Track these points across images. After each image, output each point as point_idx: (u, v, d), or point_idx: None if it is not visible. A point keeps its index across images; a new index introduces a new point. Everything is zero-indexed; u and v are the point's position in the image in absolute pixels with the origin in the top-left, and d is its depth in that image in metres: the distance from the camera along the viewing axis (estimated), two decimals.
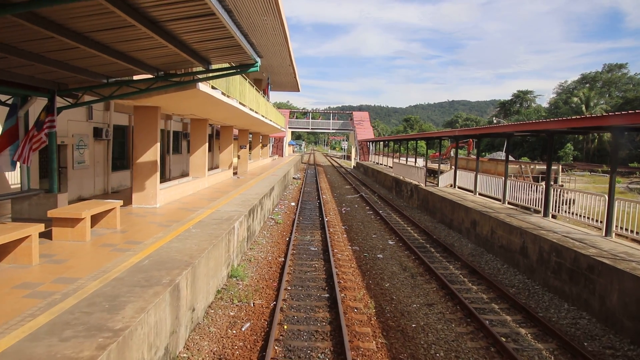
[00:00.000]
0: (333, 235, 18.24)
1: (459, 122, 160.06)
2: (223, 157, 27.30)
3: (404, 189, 30.34)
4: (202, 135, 20.78)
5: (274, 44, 27.24)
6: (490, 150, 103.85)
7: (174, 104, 15.39)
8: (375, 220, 22.60)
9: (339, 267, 13.56)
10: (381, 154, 57.40)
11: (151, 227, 11.45)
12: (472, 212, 17.60)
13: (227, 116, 22.46)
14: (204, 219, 12.87)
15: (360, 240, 17.89)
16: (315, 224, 20.60)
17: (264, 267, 13.24)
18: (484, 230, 16.28)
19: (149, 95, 12.24)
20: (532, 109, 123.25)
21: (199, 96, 13.72)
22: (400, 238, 18.04)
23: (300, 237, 17.56)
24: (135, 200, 14.63)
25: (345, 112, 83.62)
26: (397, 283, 12.55)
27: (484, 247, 16.18)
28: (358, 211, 25.32)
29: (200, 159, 20.85)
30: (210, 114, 19.95)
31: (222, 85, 16.04)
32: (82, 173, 17.05)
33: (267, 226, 19.25)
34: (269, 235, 17.71)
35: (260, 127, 35.30)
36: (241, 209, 15.01)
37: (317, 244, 16.59)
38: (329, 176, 51.86)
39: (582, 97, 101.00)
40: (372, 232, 19.58)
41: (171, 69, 11.85)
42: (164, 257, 8.62)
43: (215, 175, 23.51)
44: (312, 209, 25.09)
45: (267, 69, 36.57)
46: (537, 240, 12.54)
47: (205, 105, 16.66)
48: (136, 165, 14.50)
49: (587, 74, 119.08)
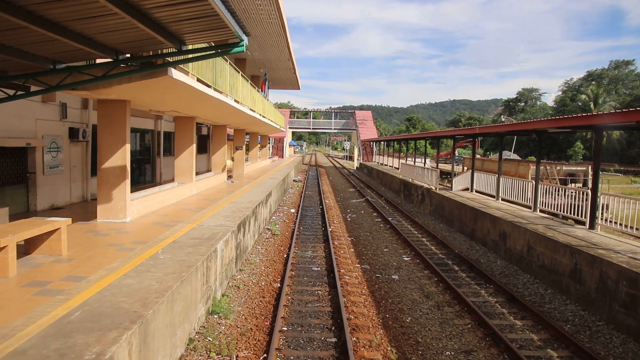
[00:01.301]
0: (338, 250, 15.74)
1: (461, 122, 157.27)
2: (215, 159, 24.81)
3: (414, 193, 27.82)
4: (188, 136, 18.29)
5: (271, 34, 24.75)
6: (495, 149, 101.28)
7: (147, 98, 12.90)
8: (384, 229, 20.09)
9: (347, 295, 11.05)
10: (385, 155, 54.86)
11: (108, 253, 8.96)
12: (500, 223, 15.08)
13: (218, 114, 19.97)
14: (179, 238, 10.37)
15: (370, 255, 15.39)
16: (317, 235, 18.09)
17: (255, 297, 10.72)
18: (517, 245, 13.76)
19: (108, 84, 9.75)
20: (538, 107, 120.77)
21: (175, 87, 11.23)
22: (416, 252, 15.55)
23: (300, 253, 15.06)
24: (100, 214, 12.14)
25: (348, 111, 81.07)
26: (420, 317, 10.04)
27: (518, 265, 13.66)
28: (365, 218, 22.81)
29: (187, 162, 18.35)
30: (197, 111, 17.45)
31: (207, 77, 13.58)
32: (56, 179, 15.01)
33: (262, 239, 16.74)
34: (263, 250, 15.21)
35: (257, 126, 32.82)
36: (229, 222, 12.51)
37: (320, 262, 14.09)
38: (331, 178, 49.35)
39: (590, 94, 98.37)
40: (383, 244, 17.07)
41: (135, 50, 9.38)
42: (107, 305, 6.13)
43: (205, 180, 21.02)
44: (314, 217, 22.59)
45: (265, 64, 34.08)
46: (596, 263, 10.01)
47: (187, 100, 14.17)
48: (101, 171, 12.01)
49: (593, 71, 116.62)
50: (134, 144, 23.20)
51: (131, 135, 23.23)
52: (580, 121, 13.02)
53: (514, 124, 16.64)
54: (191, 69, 11.75)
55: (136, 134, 23.22)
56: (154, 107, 15.63)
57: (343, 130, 76.06)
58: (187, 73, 11.44)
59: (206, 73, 13.43)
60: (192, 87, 11.60)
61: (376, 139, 61.55)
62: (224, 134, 24.87)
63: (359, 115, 73.50)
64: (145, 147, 24.62)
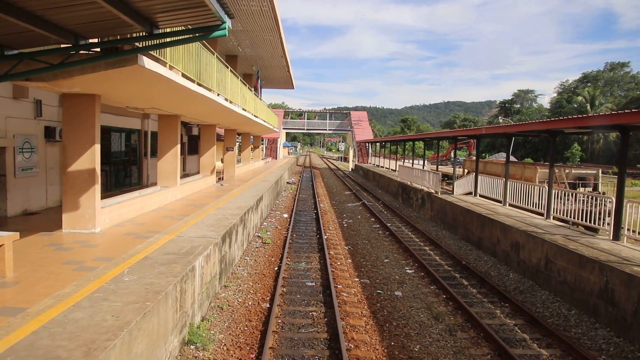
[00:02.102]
0: (334, 261, 14.38)
1: (456, 123, 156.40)
2: (204, 161, 23.37)
3: (413, 197, 26.49)
4: (172, 135, 16.88)
5: (263, 29, 23.35)
6: (491, 151, 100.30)
7: (120, 92, 11.48)
8: (384, 236, 18.74)
9: (346, 318, 9.69)
10: (381, 156, 53.54)
11: (63, 274, 7.54)
12: (512, 232, 13.76)
13: (205, 112, 18.58)
14: (152, 253, 8.96)
15: (370, 267, 14.04)
16: (311, 243, 16.72)
17: (240, 321, 9.33)
18: (532, 257, 12.44)
19: (68, 75, 8.34)
20: (534, 108, 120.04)
21: (150, 80, 9.84)
22: (420, 263, 14.22)
23: (292, 265, 13.68)
24: (66, 224, 10.71)
25: (343, 111, 79.69)
26: (430, 344, 8.69)
27: (534, 279, 12.33)
28: (362, 224, 21.45)
29: (171, 164, 16.95)
30: (181, 109, 16.05)
31: (190, 70, 12.21)
32: (29, 182, 13.75)
33: (251, 248, 15.35)
34: (252, 262, 13.81)
35: (249, 126, 31.42)
36: (212, 233, 11.11)
37: (315, 275, 12.72)
38: (326, 180, 47.98)
39: (586, 96, 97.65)
40: (383, 254, 15.72)
41: (98, 34, 8.00)
42: (38, 353, 4.73)
43: (192, 184, 19.60)
44: (308, 222, 21.20)
45: (257, 62, 32.65)
46: (633, 283, 8.69)
47: (168, 96, 12.79)
48: (66, 176, 10.58)
49: (588, 73, 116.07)
50: (118, 144, 21.90)
51: (116, 136, 22.17)
52: (603, 120, 11.74)
53: (526, 123, 15.35)
54: (169, 60, 10.36)
55: (121, 133, 21.88)
56: (131, 104, 14.20)
57: (338, 131, 74.65)
58: (164, 64, 10.05)
59: (189, 66, 12.05)
60: (170, 80, 10.21)
61: (372, 140, 60.15)
62: (213, 134, 23.46)
63: (354, 115, 72.15)
64: (131, 148, 23.32)
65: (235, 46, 27.12)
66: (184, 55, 11.63)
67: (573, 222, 14.74)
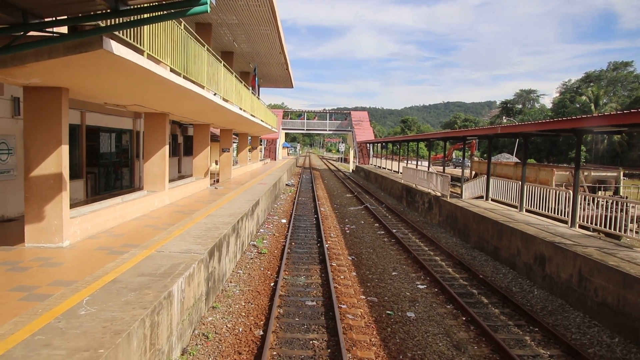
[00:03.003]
0: (337, 274, 12.97)
1: (457, 123, 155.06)
2: (197, 162, 21.96)
3: (419, 200, 25.06)
4: (160, 135, 15.46)
5: (260, 22, 21.93)
6: (493, 151, 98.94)
7: (91, 84, 10.03)
8: (390, 244, 17.32)
9: (353, 348, 8.25)
10: (383, 157, 52.11)
11: (4, 305, 6.12)
12: (536, 243, 12.34)
13: (195, 110, 17.17)
14: (122, 274, 7.52)
15: (377, 281, 12.62)
16: (311, 253, 15.30)
17: (227, 354, 7.87)
18: (562, 273, 11.01)
19: (20, 61, 6.91)
20: (536, 108, 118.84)
21: (121, 69, 8.42)
22: (432, 277, 12.82)
23: (291, 280, 12.24)
24: (29, 237, 9.27)
25: (343, 112, 78.22)
26: None
27: (564, 298, 10.89)
28: (366, 230, 20.03)
29: (158, 167, 15.53)
30: (168, 106, 14.62)
31: (176, 62, 10.82)
32: (5, 186, 12.62)
33: (245, 260, 13.92)
34: (246, 276, 12.38)
35: (246, 126, 30.01)
36: (198, 246, 9.69)
37: (316, 292, 11.29)
38: (326, 182, 46.53)
39: (590, 95, 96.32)
40: (390, 265, 14.31)
41: (53, 11, 6.59)
42: None
43: (183, 188, 18.17)
44: (308, 228, 19.78)
45: (254, 58, 31.22)
46: None
47: (150, 91, 11.37)
48: (28, 181, 9.15)
49: (591, 73, 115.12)
50: (108, 145, 20.54)
51: (105, 136, 20.71)
52: None
53: (549, 122, 13.96)
54: (148, 47, 8.95)
55: (111, 134, 20.54)
56: (110, 100, 12.74)
57: (338, 131, 73.14)
58: (141, 52, 8.64)
59: (174, 57, 10.65)
60: (149, 72, 8.80)
61: (374, 141, 58.65)
62: (206, 135, 22.04)
63: (355, 116, 70.67)
64: (122, 149, 22.03)
65: (231, 41, 25.71)
66: (166, 44, 10.23)
67: (593, 228, 13.41)
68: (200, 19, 21.28)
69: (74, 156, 17.31)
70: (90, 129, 18.55)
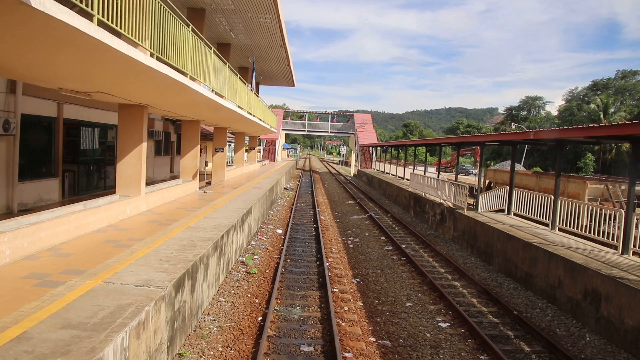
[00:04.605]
0: (340, 303, 10.71)
1: (460, 129, 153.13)
2: (184, 163, 19.67)
3: (429, 211, 22.77)
4: (135, 131, 13.20)
5: (258, 9, 19.66)
6: (496, 159, 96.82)
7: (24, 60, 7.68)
8: (399, 263, 15.06)
9: None
10: (386, 162, 49.83)
11: None
12: (587, 275, 10.06)
13: (179, 103, 14.92)
14: (38, 326, 5.22)
15: (388, 315, 10.35)
16: (310, 275, 13.02)
17: None
18: (626, 317, 8.73)
19: None
20: (542, 116, 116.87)
21: (58, 36, 6.16)
22: (454, 310, 10.57)
23: (283, 312, 9.96)
24: None
25: (345, 113, 75.89)
26: None
27: (631, 350, 8.58)
28: (371, 245, 17.75)
29: (133, 168, 13.26)
30: (144, 96, 12.33)
31: (146, 39, 8.61)
32: None
33: (231, 282, 11.63)
34: (228, 305, 10.09)
35: (242, 125, 27.74)
36: (162, 275, 7.40)
37: (314, 332, 9.00)
38: (326, 186, 44.23)
39: (599, 103, 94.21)
40: (403, 292, 12.05)
41: None
42: None
43: (164, 192, 15.88)
44: (307, 241, 17.49)
45: (253, 51, 28.92)
46: None
47: (111, 74, 9.09)
48: None
49: (598, 81, 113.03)
50: (90, 141, 18.49)
51: (87, 131, 18.41)
52: None
53: (600, 127, 11.72)
54: (100, 12, 6.71)
55: (94, 129, 18.48)
56: (63, 84, 10.22)
57: (340, 133, 70.77)
58: (89, 17, 6.41)
59: (144, 32, 8.42)
60: (99, 42, 6.54)
61: (379, 144, 56.34)
62: (196, 132, 19.75)
63: (358, 118, 68.39)
64: (107, 145, 20.04)
65: (228, 31, 23.44)
66: (133, 14, 7.99)
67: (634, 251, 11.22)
68: (192, 3, 19.03)
69: (51, 152, 15.51)
70: (69, 123, 16.53)
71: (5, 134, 12.50)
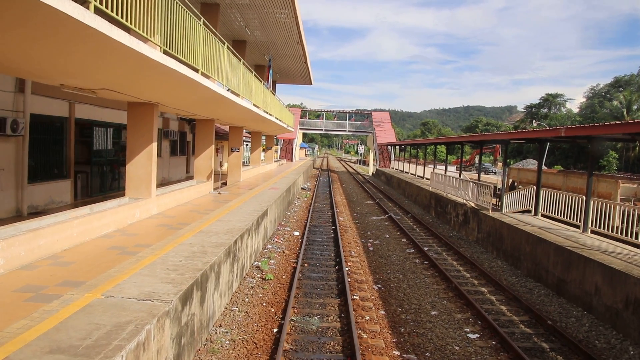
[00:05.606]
0: (361, 312, 10.04)
1: (479, 127, 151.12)
2: (199, 164, 19.16)
3: (451, 212, 21.96)
4: (145, 131, 12.68)
5: (274, 4, 19.04)
6: (516, 157, 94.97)
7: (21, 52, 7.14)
8: (422, 268, 14.33)
9: None
10: (405, 161, 48.94)
11: None
12: (628, 282, 9.23)
13: (191, 101, 14.36)
14: (22, 350, 4.66)
15: (412, 325, 9.65)
16: (328, 280, 12.36)
17: None
18: None
19: None
20: (563, 113, 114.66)
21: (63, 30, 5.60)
22: (483, 319, 9.85)
23: (301, 322, 9.31)
24: None
25: (364, 112, 75.05)
26: None
27: None
28: (392, 247, 17.03)
29: (143, 169, 12.75)
30: (153, 94, 11.78)
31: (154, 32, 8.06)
32: None
33: (244, 290, 11.02)
34: (242, 316, 9.48)
35: (258, 124, 27.18)
36: (167, 286, 6.80)
37: (334, 345, 8.33)
38: (344, 186, 43.53)
39: (622, 100, 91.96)
40: (427, 299, 11.33)
41: None
42: None
43: (176, 194, 15.36)
44: (324, 243, 16.84)
45: (269, 49, 28.35)
46: None
47: (111, 67, 8.53)
48: None
49: (620, 77, 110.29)
50: (103, 141, 18.14)
51: (100, 131, 17.94)
52: None
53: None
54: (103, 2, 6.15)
55: (107, 129, 18.11)
56: (65, 79, 9.67)
57: (358, 132, 69.96)
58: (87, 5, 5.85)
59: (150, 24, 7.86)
60: (102, 35, 5.97)
61: (398, 143, 55.40)
62: (210, 132, 19.22)
63: (376, 117, 67.51)
64: (121, 146, 19.60)
65: (243, 28, 22.87)
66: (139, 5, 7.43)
67: None
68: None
69: (62, 153, 15.09)
70: (82, 123, 16.16)
71: (13, 135, 12.12)
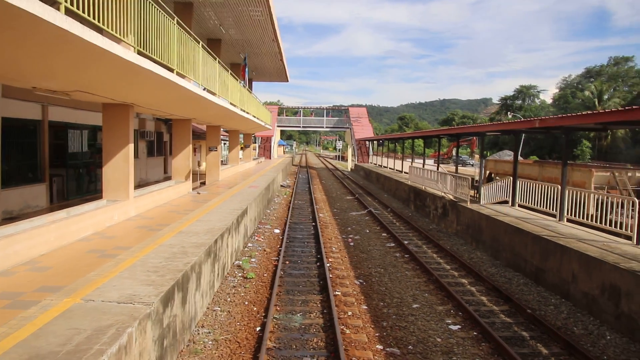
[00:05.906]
0: (343, 308, 10.08)
1: (455, 120, 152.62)
2: (177, 164, 19.00)
3: (430, 205, 22.17)
4: (122, 132, 12.52)
5: (248, 3, 18.95)
6: (492, 148, 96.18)
7: None
8: (403, 261, 14.45)
9: None
10: (383, 155, 49.20)
11: None
12: (603, 269, 9.47)
13: (166, 101, 14.24)
14: None
15: (394, 319, 9.74)
16: (310, 277, 12.39)
17: None
18: None
19: None
20: (537, 104, 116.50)
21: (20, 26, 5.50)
22: (464, 311, 9.99)
23: (283, 320, 9.32)
24: None
25: (340, 108, 75.09)
26: None
27: None
28: (372, 241, 17.14)
29: (121, 171, 12.59)
30: (128, 94, 11.64)
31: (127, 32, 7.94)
32: None
33: (226, 289, 10.98)
34: (224, 315, 9.44)
35: (236, 122, 27.03)
36: (148, 288, 6.74)
37: (317, 342, 8.36)
38: (324, 182, 43.58)
39: (593, 90, 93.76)
40: (408, 292, 11.45)
41: None
42: None
43: (155, 195, 15.21)
44: (305, 240, 16.86)
45: (244, 47, 28.21)
46: None
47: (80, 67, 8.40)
48: None
49: (591, 68, 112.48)
50: (79, 143, 17.84)
51: (75, 133, 17.66)
52: None
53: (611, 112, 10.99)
54: None
55: (82, 131, 17.78)
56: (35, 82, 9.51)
57: (336, 128, 70.15)
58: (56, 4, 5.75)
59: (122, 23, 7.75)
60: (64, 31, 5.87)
61: (376, 138, 55.62)
62: (187, 131, 19.07)
63: (353, 112, 67.70)
64: (97, 148, 19.25)
65: (217, 26, 22.70)
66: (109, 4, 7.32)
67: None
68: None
69: (37, 156, 14.84)
70: (56, 126, 15.87)
71: None
